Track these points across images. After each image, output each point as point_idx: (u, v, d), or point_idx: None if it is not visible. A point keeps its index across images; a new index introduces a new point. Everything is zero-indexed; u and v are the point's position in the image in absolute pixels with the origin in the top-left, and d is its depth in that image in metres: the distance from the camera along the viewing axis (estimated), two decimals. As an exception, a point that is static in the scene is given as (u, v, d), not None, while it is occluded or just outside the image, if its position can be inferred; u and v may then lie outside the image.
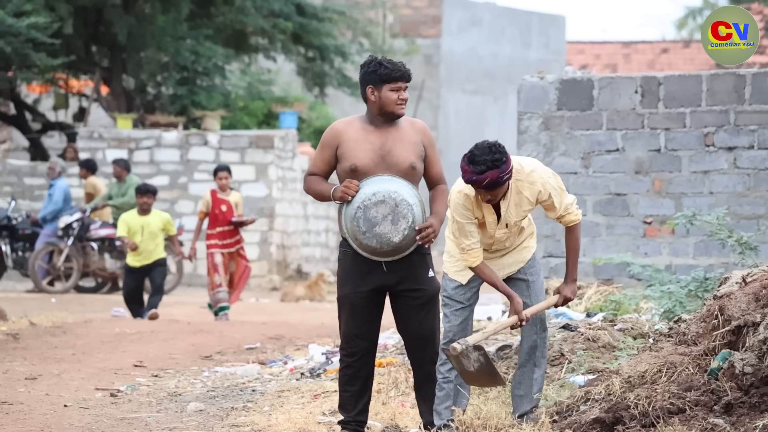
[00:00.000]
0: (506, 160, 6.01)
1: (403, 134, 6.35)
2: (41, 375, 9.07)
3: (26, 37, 19.96)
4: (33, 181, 20.58)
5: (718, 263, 10.68)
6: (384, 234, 6.24)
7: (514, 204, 6.22)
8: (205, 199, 13.66)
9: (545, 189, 6.21)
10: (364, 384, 6.46)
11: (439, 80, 31.53)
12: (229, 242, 13.61)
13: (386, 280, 6.35)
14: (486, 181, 6.00)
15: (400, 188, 6.26)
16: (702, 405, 5.81)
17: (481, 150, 6.01)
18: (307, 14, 23.27)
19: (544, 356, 6.48)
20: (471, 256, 6.23)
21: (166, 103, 22.70)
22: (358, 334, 6.41)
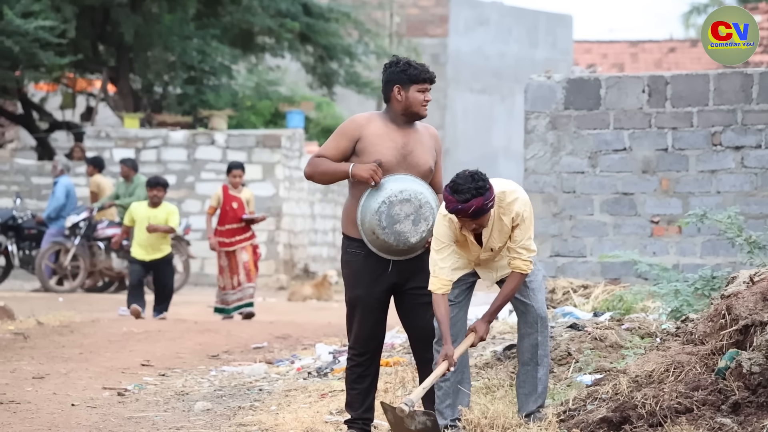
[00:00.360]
0: (489, 188, 6.03)
1: (421, 137, 6.40)
2: (49, 374, 9.09)
3: (34, 37, 20.01)
4: (40, 181, 20.61)
5: (725, 263, 10.67)
6: (403, 233, 6.25)
7: (497, 230, 6.22)
8: (217, 194, 13.61)
9: (518, 215, 6.20)
10: (371, 382, 6.49)
11: (446, 80, 31.52)
12: (237, 239, 13.50)
13: (396, 279, 6.36)
14: (471, 209, 6.00)
15: (425, 191, 6.32)
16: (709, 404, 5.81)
17: (463, 179, 6.02)
18: (314, 14, 23.29)
19: (546, 354, 6.46)
20: (439, 281, 6.21)
21: (173, 102, 22.73)
22: (370, 335, 6.43)
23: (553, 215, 11.31)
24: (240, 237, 13.52)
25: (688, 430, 5.67)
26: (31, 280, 18.44)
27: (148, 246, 13.22)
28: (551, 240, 11.17)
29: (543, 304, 6.42)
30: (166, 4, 22.35)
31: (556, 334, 8.16)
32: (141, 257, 13.22)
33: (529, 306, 6.39)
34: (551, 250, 11.27)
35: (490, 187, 6.05)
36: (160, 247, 13.27)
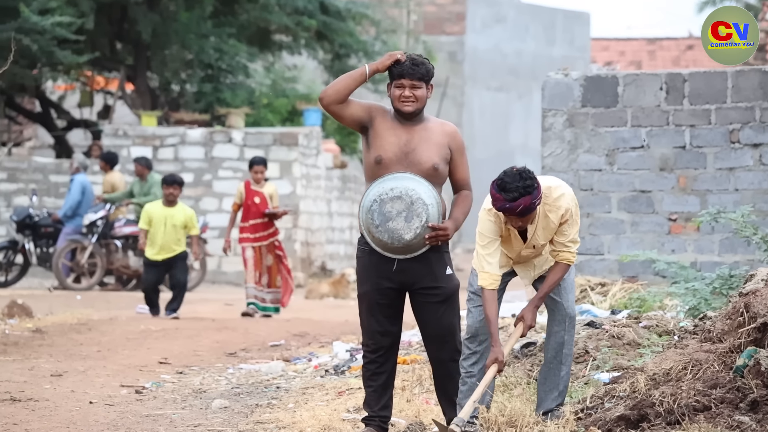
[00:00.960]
0: (537, 186, 6.02)
1: (430, 134, 6.32)
2: (66, 372, 9.12)
3: (51, 34, 20.07)
4: (58, 179, 20.68)
5: (743, 260, 10.65)
6: (396, 230, 6.25)
7: (542, 227, 6.23)
8: (239, 190, 13.56)
9: (567, 212, 6.21)
10: (386, 380, 6.46)
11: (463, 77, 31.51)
12: (261, 235, 13.48)
13: (403, 278, 6.34)
14: (519, 208, 6.01)
15: (419, 187, 6.26)
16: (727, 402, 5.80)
17: (511, 177, 5.99)
18: (331, 12, 23.31)
19: (570, 354, 6.47)
20: (489, 276, 6.23)
21: (191, 100, 22.79)
22: (379, 330, 6.42)
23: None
24: (264, 233, 13.48)
25: (706, 428, 5.66)
26: (48, 278, 18.51)
27: (162, 247, 13.13)
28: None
29: (573, 303, 6.44)
30: (183, 2, 22.42)
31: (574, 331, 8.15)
32: (154, 257, 13.15)
33: (559, 304, 6.40)
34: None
35: (538, 185, 6.04)
36: (174, 246, 13.18)
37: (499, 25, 32.72)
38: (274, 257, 13.55)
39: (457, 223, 6.31)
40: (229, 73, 23.28)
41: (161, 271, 13.28)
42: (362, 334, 6.53)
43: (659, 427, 5.79)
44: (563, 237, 6.25)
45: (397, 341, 6.50)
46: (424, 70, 6.28)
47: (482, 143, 31.67)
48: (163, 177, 13.65)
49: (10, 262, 17.94)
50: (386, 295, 6.37)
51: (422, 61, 6.32)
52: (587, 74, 11.53)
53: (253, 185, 13.51)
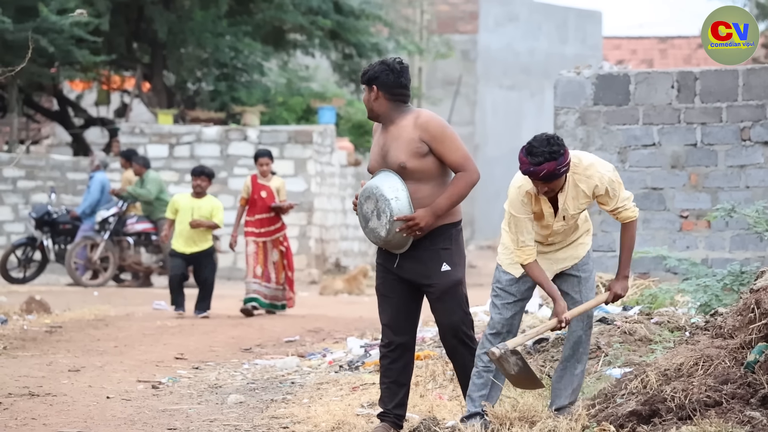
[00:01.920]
0: (563, 153, 6.02)
1: (401, 132, 6.34)
2: (84, 367, 9.18)
3: (69, 34, 20.18)
4: (75, 176, 20.78)
5: (754, 257, 10.68)
6: (374, 229, 6.33)
7: (571, 197, 6.23)
8: (246, 184, 13.23)
9: (602, 183, 6.22)
10: (398, 376, 6.48)
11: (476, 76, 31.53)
12: (266, 230, 13.14)
13: (404, 274, 6.40)
14: (543, 173, 6.02)
15: (382, 182, 6.29)
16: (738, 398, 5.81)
17: (539, 142, 6.02)
18: (345, 12, 23.37)
19: (586, 352, 6.50)
20: (524, 252, 6.24)
21: (206, 98, 22.87)
22: (388, 324, 6.46)
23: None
24: (270, 228, 13.16)
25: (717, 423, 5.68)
26: (66, 275, 18.62)
27: (188, 238, 12.88)
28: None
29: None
30: (199, 2, 22.50)
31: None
32: (181, 249, 12.92)
33: (578, 302, 6.42)
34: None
35: (565, 152, 6.04)
36: (200, 240, 12.93)
37: (512, 23, 32.72)
38: (279, 252, 13.22)
39: (436, 209, 6.25)
40: (245, 72, 23.35)
41: (186, 263, 13.00)
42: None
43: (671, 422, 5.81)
44: (613, 201, 6.27)
45: (411, 338, 6.52)
46: (363, 76, 6.39)
47: (495, 141, 31.68)
48: (192, 168, 13.38)
49: (29, 258, 18.06)
50: (393, 289, 6.43)
51: (368, 67, 6.41)
52: (599, 72, 11.57)
53: (260, 179, 13.18)
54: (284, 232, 13.33)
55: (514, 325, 6.41)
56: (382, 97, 6.35)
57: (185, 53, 22.73)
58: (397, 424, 6.49)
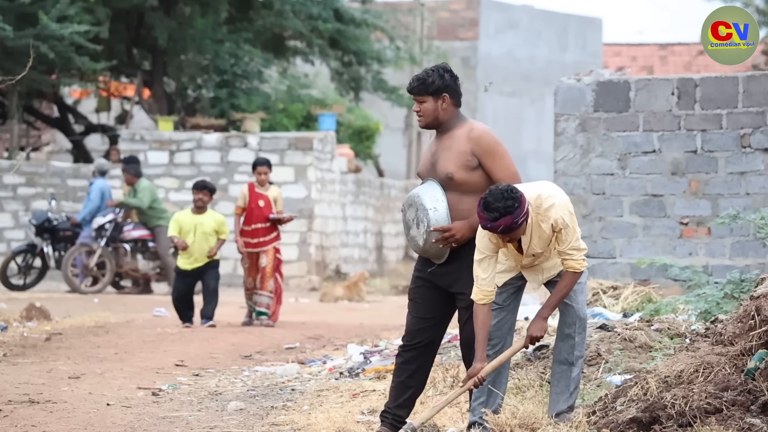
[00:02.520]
0: (519, 206, 6.01)
1: (453, 143, 6.39)
2: (84, 374, 9.18)
3: (69, 41, 20.20)
4: (76, 183, 20.80)
5: (754, 264, 10.68)
6: (414, 237, 6.38)
7: (537, 236, 6.23)
8: (243, 192, 12.84)
9: (557, 223, 6.20)
10: (408, 378, 6.50)
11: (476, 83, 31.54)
12: (261, 241, 12.73)
13: (439, 281, 6.44)
14: (500, 228, 6.04)
15: (424, 192, 6.36)
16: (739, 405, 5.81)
17: (494, 196, 6.02)
18: (345, 20, 23.40)
19: (581, 356, 6.49)
20: (480, 291, 6.24)
21: (207, 105, 22.89)
22: (411, 328, 6.50)
23: (582, 217, 11.35)
24: (265, 238, 12.76)
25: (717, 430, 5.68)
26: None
27: (194, 256, 12.57)
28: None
29: (584, 305, 6.45)
30: (199, 8, 22.53)
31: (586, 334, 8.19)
32: (185, 267, 12.59)
33: (569, 306, 6.42)
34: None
35: (521, 203, 6.02)
36: (205, 256, 12.60)
37: (512, 30, 32.75)
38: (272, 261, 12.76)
39: (473, 222, 6.30)
40: (245, 79, 23.37)
41: (192, 281, 12.67)
42: None
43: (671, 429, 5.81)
44: (562, 245, 6.25)
45: (431, 344, 6.52)
46: (422, 86, 6.37)
47: (496, 148, 31.64)
48: (195, 182, 13.00)
49: (29, 265, 18.07)
50: (425, 295, 6.47)
51: (423, 76, 6.41)
52: (599, 79, 11.58)
53: (257, 187, 12.78)
54: (278, 243, 12.92)
55: (502, 332, 6.39)
56: (451, 105, 6.43)
57: (185, 60, 22.75)
58: (395, 426, 6.49)
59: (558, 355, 6.50)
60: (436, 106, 6.40)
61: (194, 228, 12.57)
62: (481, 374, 6.23)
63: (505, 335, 6.42)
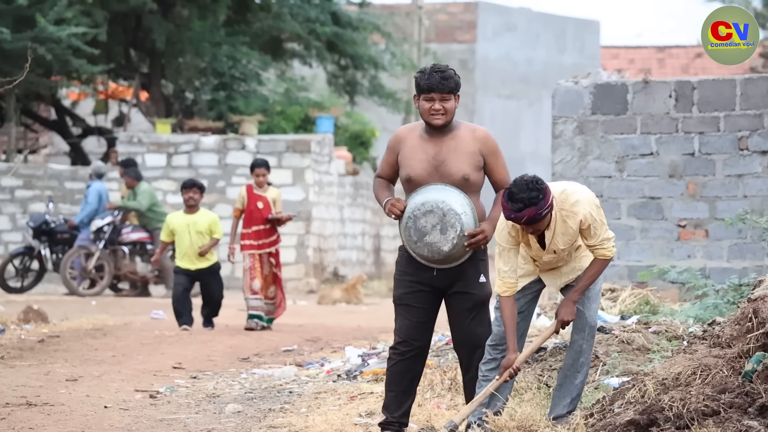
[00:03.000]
0: (544, 197, 6.01)
1: (459, 144, 6.35)
2: (82, 376, 9.18)
3: (67, 44, 20.21)
4: (74, 185, 20.80)
5: (752, 266, 10.70)
6: (434, 243, 6.30)
7: (560, 233, 6.23)
8: (241, 194, 12.65)
9: (585, 219, 6.21)
10: (409, 385, 6.50)
11: (474, 85, 31.56)
12: (265, 242, 12.60)
13: (438, 283, 6.40)
14: (524, 219, 6.03)
15: (448, 197, 6.30)
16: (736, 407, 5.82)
17: (518, 187, 6.01)
18: (342, 23, 23.42)
19: (587, 362, 6.49)
20: (504, 283, 6.25)
21: (204, 108, 22.90)
22: (408, 333, 6.46)
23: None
24: (267, 240, 12.61)
25: (714, 432, 5.70)
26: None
27: (193, 255, 12.42)
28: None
29: (595, 313, 6.45)
30: (197, 11, 22.53)
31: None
32: (186, 266, 12.42)
33: (581, 312, 6.41)
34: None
35: (546, 195, 6.03)
36: (205, 256, 12.46)
37: (510, 33, 32.77)
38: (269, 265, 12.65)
39: (493, 221, 6.33)
40: (242, 81, 23.38)
41: (191, 280, 12.50)
42: (394, 335, 6.58)
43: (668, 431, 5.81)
44: (593, 239, 6.27)
45: (426, 347, 6.53)
46: (453, 84, 6.32)
47: (494, 150, 31.67)
48: (184, 181, 12.86)
49: (27, 268, 18.07)
50: (421, 299, 6.44)
51: (451, 74, 6.34)
52: (597, 82, 11.59)
53: (256, 189, 12.60)
54: (278, 245, 12.79)
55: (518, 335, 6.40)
56: (458, 102, 6.40)
57: (183, 62, 22.76)
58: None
59: (565, 360, 6.51)
60: (455, 105, 6.36)
61: (188, 228, 12.42)
62: (515, 364, 6.23)
63: (519, 339, 6.42)
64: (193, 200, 12.52)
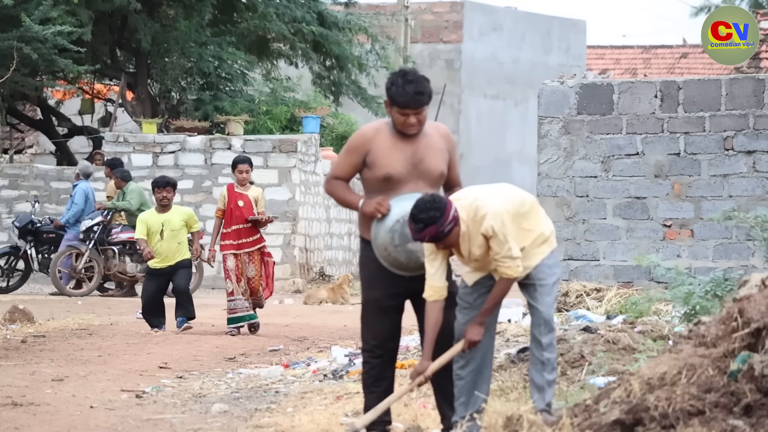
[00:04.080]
0: (442, 215, 6.00)
1: (431, 141, 6.36)
2: (68, 376, 9.16)
3: (52, 43, 20.17)
4: (59, 185, 20.76)
5: (737, 266, 10.73)
6: (414, 251, 6.28)
7: (476, 245, 6.20)
8: (222, 194, 12.37)
9: (487, 232, 6.18)
10: (388, 385, 6.53)
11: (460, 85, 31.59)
12: (245, 242, 12.26)
13: (412, 285, 6.40)
14: (426, 238, 6.06)
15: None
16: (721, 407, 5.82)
17: (419, 208, 6.03)
18: (328, 23, 23.43)
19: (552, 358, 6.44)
20: (430, 288, 6.24)
21: (191, 108, 22.87)
22: (387, 336, 6.48)
23: (566, 219, 11.39)
24: (248, 239, 12.28)
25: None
26: (50, 284, 18.60)
27: (164, 255, 12.23)
28: (564, 244, 11.24)
29: (549, 307, 6.44)
30: (182, 11, 22.51)
31: (569, 336, 8.22)
32: (158, 266, 12.23)
33: (534, 308, 6.43)
34: (564, 254, 11.33)
35: (445, 213, 6.02)
36: (177, 254, 12.27)
37: (496, 33, 32.80)
38: (260, 266, 12.29)
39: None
40: (228, 81, 23.37)
41: (163, 280, 12.31)
42: (365, 339, 6.54)
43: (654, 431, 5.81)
44: (493, 253, 6.24)
45: (398, 347, 6.59)
46: (427, 98, 6.29)
47: (479, 150, 31.73)
48: (154, 180, 12.61)
49: (12, 268, 18.04)
50: (397, 304, 6.46)
51: (424, 88, 6.27)
52: (583, 82, 11.62)
53: (237, 187, 12.27)
54: (263, 244, 12.44)
55: None
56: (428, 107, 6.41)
57: (169, 62, 22.72)
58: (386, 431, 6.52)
59: (531, 357, 6.51)
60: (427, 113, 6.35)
61: (161, 227, 12.17)
62: (427, 373, 6.23)
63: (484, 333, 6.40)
64: (166, 200, 12.27)
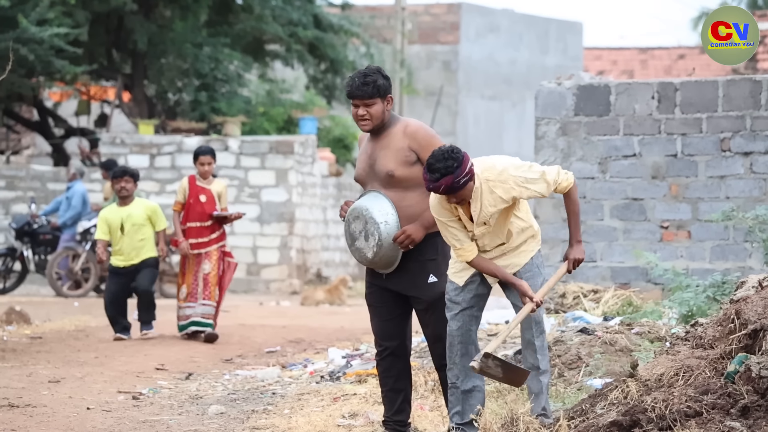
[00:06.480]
0: (460, 165, 5.98)
1: (390, 141, 6.37)
2: (64, 378, 9.16)
3: (49, 45, 20.16)
4: (56, 186, 20.74)
5: (734, 267, 10.74)
6: (360, 249, 6.38)
7: (488, 204, 6.18)
8: (182, 185, 11.44)
9: (517, 186, 6.15)
10: (395, 383, 6.54)
11: (457, 86, 31.59)
12: (202, 241, 11.43)
13: (393, 286, 6.47)
14: (441, 188, 6.02)
15: (373, 205, 6.33)
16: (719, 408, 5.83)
17: (436, 158, 6.01)
18: (323, 26, 23.44)
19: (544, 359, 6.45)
20: (465, 251, 6.20)
21: (187, 109, 22.87)
22: (379, 332, 6.56)
23: (563, 220, 11.38)
24: (206, 239, 11.44)
25: (697, 433, 5.71)
26: (46, 285, 18.59)
27: (128, 251, 11.38)
28: (562, 245, 11.24)
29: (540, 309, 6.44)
30: (179, 12, 22.51)
31: (566, 338, 8.23)
32: (121, 264, 11.36)
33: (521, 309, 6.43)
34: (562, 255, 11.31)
35: (463, 163, 5.99)
36: (141, 251, 11.40)
37: (493, 34, 32.82)
38: (218, 264, 11.42)
39: (425, 222, 6.32)
40: (225, 83, 23.37)
41: (126, 280, 11.38)
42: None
43: (651, 432, 5.83)
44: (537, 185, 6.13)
45: (402, 345, 6.57)
46: (373, 89, 6.29)
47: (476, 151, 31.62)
48: (113, 170, 11.64)
49: (9, 269, 18.03)
50: (381, 297, 6.52)
51: (372, 79, 6.31)
52: (580, 83, 11.61)
53: (199, 180, 11.45)
54: (224, 243, 11.53)
55: (469, 335, 6.35)
56: (390, 104, 6.38)
57: (165, 63, 22.72)
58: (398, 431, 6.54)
59: (524, 362, 6.49)
60: (383, 108, 6.35)
61: (121, 222, 11.33)
62: (536, 298, 6.16)
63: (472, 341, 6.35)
64: (125, 191, 11.34)
